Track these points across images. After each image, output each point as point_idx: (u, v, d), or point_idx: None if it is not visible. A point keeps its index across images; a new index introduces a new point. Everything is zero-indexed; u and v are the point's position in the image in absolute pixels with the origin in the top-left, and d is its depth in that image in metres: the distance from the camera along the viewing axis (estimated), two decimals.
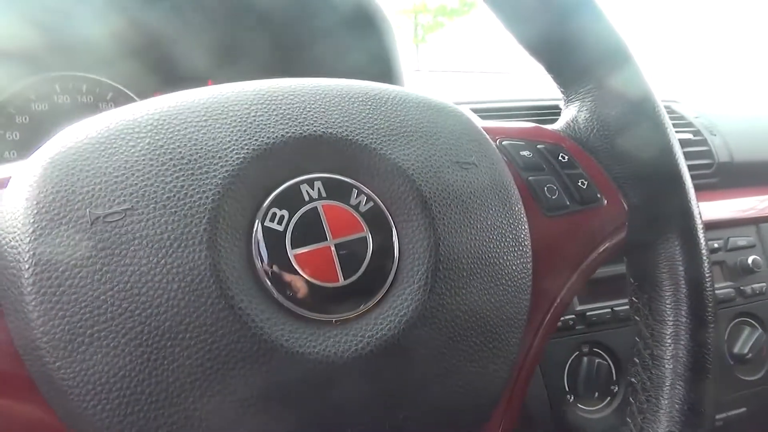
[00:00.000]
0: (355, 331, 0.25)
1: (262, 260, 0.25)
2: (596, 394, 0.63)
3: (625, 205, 0.37)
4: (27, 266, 0.23)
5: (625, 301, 0.66)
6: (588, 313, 0.65)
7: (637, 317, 0.38)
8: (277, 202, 0.26)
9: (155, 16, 0.58)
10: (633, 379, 0.37)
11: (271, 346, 0.24)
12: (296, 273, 0.25)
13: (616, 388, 0.65)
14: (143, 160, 0.25)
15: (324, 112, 0.28)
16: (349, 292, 0.26)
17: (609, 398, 0.64)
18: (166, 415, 0.23)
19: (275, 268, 0.25)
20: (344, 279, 0.26)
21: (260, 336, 0.24)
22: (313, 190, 0.26)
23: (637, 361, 0.37)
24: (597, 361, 0.64)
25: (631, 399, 0.36)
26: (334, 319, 0.25)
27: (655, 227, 0.37)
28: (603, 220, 0.36)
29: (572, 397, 0.63)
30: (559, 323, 0.65)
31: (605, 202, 0.36)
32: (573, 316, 0.65)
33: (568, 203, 0.35)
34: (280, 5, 0.60)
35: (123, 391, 0.22)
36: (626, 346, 0.65)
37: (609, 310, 0.66)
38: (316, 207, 0.26)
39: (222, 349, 0.23)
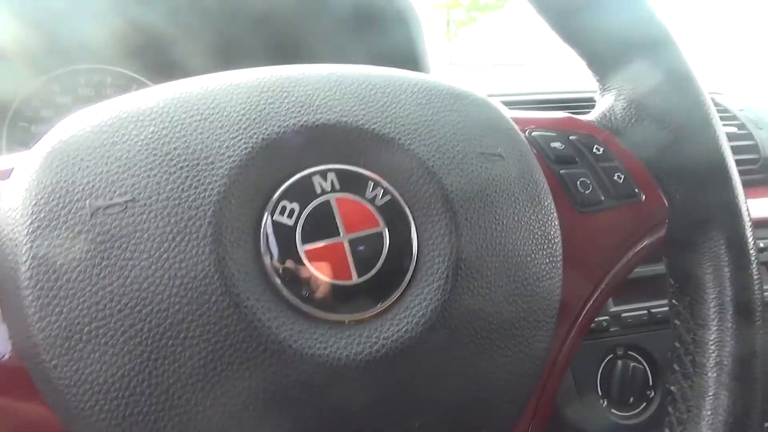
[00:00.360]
0: (369, 332, 0.24)
1: (270, 256, 0.23)
2: (631, 399, 0.61)
3: (665, 200, 0.34)
4: (24, 259, 0.22)
5: (663, 302, 0.63)
6: (623, 315, 0.62)
7: (677, 321, 0.35)
8: (287, 195, 0.24)
9: (182, 8, 0.57)
10: (672, 387, 0.34)
11: (278, 348, 0.22)
12: (307, 270, 0.23)
13: (653, 394, 0.62)
14: (147, 149, 0.23)
15: (339, 99, 0.26)
16: (364, 291, 0.24)
17: (645, 404, 0.61)
18: (167, 418, 0.21)
19: (284, 264, 0.23)
20: (358, 277, 0.24)
21: (267, 336, 0.22)
22: (325, 182, 0.25)
23: (677, 368, 0.34)
24: (632, 364, 0.61)
25: (669, 409, 0.34)
26: (347, 320, 0.24)
27: (699, 225, 0.34)
28: (641, 217, 0.34)
29: (605, 402, 0.61)
30: (592, 325, 0.62)
31: (643, 197, 0.34)
32: (607, 317, 0.62)
33: (602, 198, 0.33)
34: None
35: (122, 391, 0.21)
36: (664, 349, 0.62)
37: (645, 311, 0.63)
38: (329, 200, 0.25)
39: (226, 349, 0.22)
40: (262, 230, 0.24)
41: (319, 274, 0.24)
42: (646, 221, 0.34)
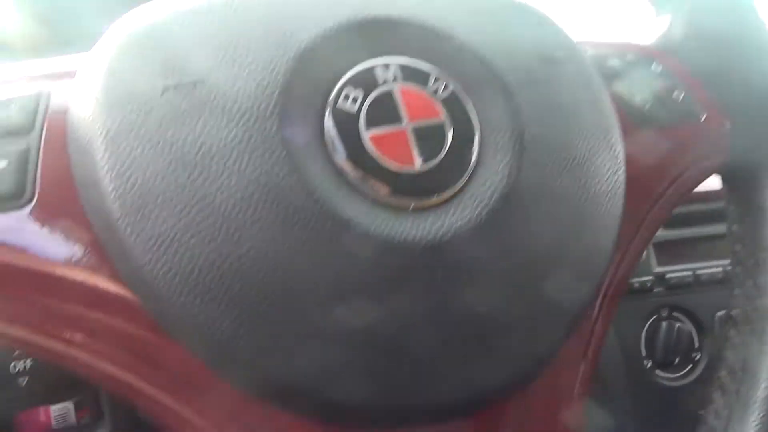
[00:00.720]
0: (434, 218, 0.23)
1: (334, 139, 0.23)
2: (677, 360, 0.59)
3: (726, 122, 0.33)
4: (99, 132, 0.22)
5: (709, 263, 0.62)
6: (667, 275, 0.61)
7: (738, 246, 0.34)
8: (351, 82, 0.24)
9: None
10: (733, 312, 0.33)
11: (345, 226, 0.22)
12: (370, 154, 0.23)
13: (699, 356, 0.60)
14: (215, 35, 0.24)
15: None
16: (427, 178, 0.24)
17: (690, 366, 0.60)
18: (237, 289, 0.21)
19: (348, 148, 0.23)
20: (422, 163, 0.24)
21: (334, 214, 0.22)
22: (388, 72, 0.25)
23: (739, 291, 0.33)
24: (677, 325, 0.59)
25: (731, 332, 0.33)
26: (411, 205, 0.24)
27: (762, 147, 0.33)
28: (701, 136, 0.33)
29: (650, 363, 0.59)
30: (636, 284, 0.61)
31: (703, 117, 0.33)
32: (651, 277, 0.61)
33: (661, 116, 0.32)
34: None
35: (194, 259, 0.21)
36: (709, 311, 0.61)
37: (690, 272, 0.61)
38: (392, 90, 0.24)
39: (295, 224, 0.22)
40: (326, 115, 0.23)
41: (383, 159, 0.23)
42: (706, 141, 0.33)
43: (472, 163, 0.25)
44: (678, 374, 0.60)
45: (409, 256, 0.23)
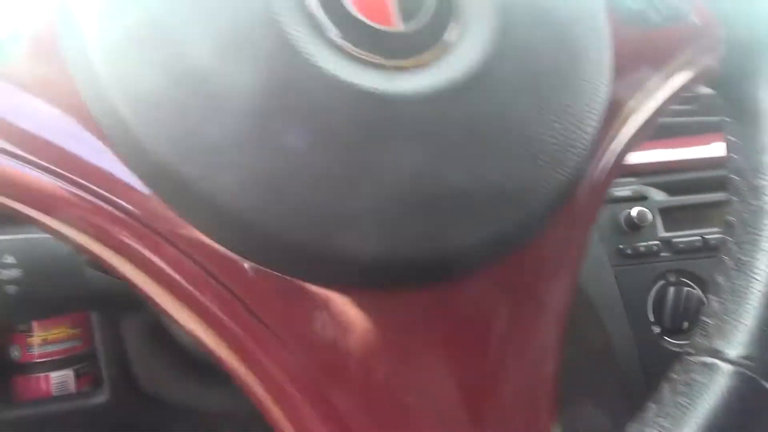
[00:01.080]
0: (417, 77, 0.23)
1: None
2: (685, 324, 0.57)
3: (721, 26, 0.33)
4: None
5: (717, 230, 0.60)
6: (674, 240, 0.60)
7: (734, 155, 0.33)
8: None
9: None
10: (730, 218, 0.32)
11: (326, 81, 0.22)
12: (348, 11, 0.24)
13: None
14: None
15: None
16: (406, 39, 0.24)
17: None
18: (217, 133, 0.21)
19: (326, 4, 0.23)
20: (402, 25, 0.24)
21: (314, 68, 0.22)
22: None
23: (736, 198, 0.32)
24: (686, 290, 0.58)
25: (727, 237, 0.32)
26: (392, 65, 0.24)
27: (757, 54, 0.33)
28: (693, 39, 0.33)
29: (658, 329, 0.58)
30: (642, 248, 0.60)
31: (698, 20, 0.33)
32: (657, 242, 0.60)
33: (653, 15, 0.32)
34: None
35: (175, 112, 0.21)
36: None
37: (699, 237, 0.60)
38: None
39: (273, 76, 0.22)
40: None
41: (362, 17, 0.24)
42: (699, 44, 0.33)
43: (453, 27, 0.25)
44: (688, 341, 0.58)
45: (393, 109, 0.23)
